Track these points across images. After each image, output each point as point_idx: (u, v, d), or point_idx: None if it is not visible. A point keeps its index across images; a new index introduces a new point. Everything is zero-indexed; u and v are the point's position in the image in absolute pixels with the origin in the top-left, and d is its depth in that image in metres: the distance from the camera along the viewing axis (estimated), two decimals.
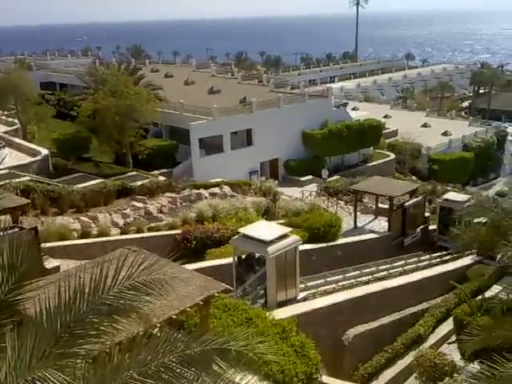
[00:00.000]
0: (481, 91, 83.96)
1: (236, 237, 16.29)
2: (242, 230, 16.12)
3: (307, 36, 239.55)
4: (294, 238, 16.01)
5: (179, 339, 5.09)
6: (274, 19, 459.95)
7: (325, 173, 36.96)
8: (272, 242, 15.17)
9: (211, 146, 36.06)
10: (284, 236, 15.69)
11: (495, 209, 17.12)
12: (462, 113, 72.79)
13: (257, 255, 15.60)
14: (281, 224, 22.42)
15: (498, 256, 17.18)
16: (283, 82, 51.55)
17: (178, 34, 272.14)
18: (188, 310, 9.05)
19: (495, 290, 16.49)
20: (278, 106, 38.64)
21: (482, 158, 47.96)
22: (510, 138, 57.05)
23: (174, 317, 8.59)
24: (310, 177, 36.62)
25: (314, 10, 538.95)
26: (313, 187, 33.12)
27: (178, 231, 19.85)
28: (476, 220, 20.93)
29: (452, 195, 27.57)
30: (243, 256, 16.17)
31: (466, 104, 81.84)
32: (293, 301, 15.66)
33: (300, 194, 30.85)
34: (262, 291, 15.48)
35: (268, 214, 23.30)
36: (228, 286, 10.96)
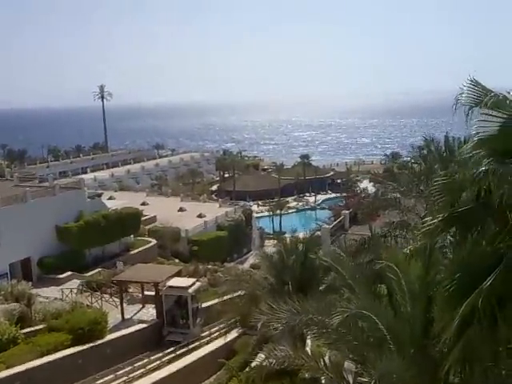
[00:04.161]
0: (226, 175, 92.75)
1: None
2: None
3: (54, 128, 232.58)
4: None
5: None
6: (19, 111, 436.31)
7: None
8: None
9: None
10: None
11: (249, 281, 18.67)
12: (213, 195, 78.80)
13: None
14: (39, 330, 20.34)
15: (258, 325, 18.43)
16: (30, 175, 48.43)
17: None
18: None
19: (260, 358, 17.55)
20: (25, 200, 35.89)
21: (234, 234, 52.11)
22: (255, 215, 63.57)
23: None
24: (70, 273, 34.30)
25: (61, 103, 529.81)
26: (73, 284, 31.08)
27: None
28: (235, 293, 22.33)
29: (176, 281, 25.54)
30: None
31: (214, 187, 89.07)
32: None
33: (59, 293, 28.56)
34: None
35: (23, 321, 20.80)
36: None
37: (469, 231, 8.55)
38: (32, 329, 20.38)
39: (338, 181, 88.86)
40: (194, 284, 25.23)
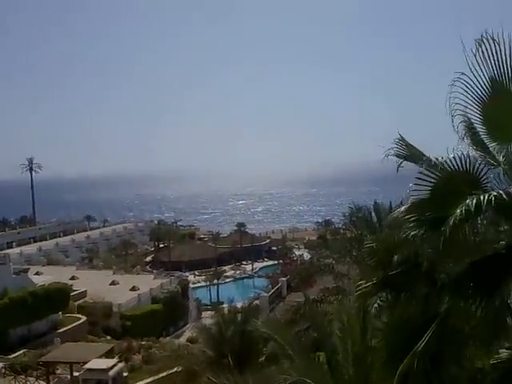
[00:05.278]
0: (161, 245, 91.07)
1: None
2: None
3: None
4: None
5: None
6: None
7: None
8: None
9: None
10: None
11: (186, 355, 18.09)
12: (147, 267, 76.72)
13: None
14: None
15: None
16: None
17: None
18: None
19: None
20: None
21: (170, 307, 50.50)
22: (191, 285, 62.30)
23: None
24: None
25: None
26: None
27: None
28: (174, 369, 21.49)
29: (95, 363, 23.70)
30: None
31: (149, 258, 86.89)
32: None
33: None
34: None
35: None
36: None
37: (400, 293, 8.87)
38: None
39: (274, 248, 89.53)
40: (115, 365, 23.42)
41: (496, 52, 7.47)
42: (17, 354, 31.93)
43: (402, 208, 8.16)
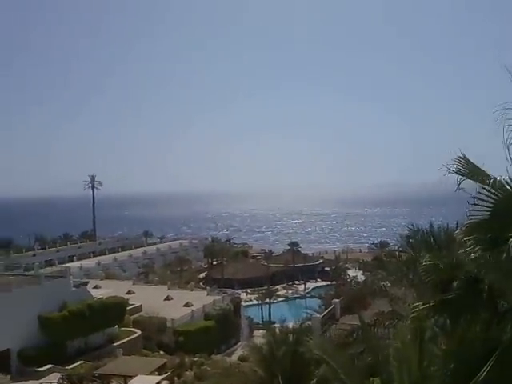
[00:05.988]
0: (214, 262, 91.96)
1: None
2: None
3: (42, 217, 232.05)
4: None
5: None
6: (6, 200, 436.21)
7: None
8: None
9: None
10: None
11: (238, 374, 18.02)
12: (200, 283, 77.55)
13: None
14: None
15: None
16: (14, 264, 47.78)
17: None
18: None
19: None
20: (10, 290, 35.10)
21: (222, 324, 50.62)
22: (243, 303, 62.26)
23: None
24: (50, 366, 32.71)
25: (48, 192, 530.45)
26: (54, 377, 29.67)
27: None
28: None
29: (141, 379, 24.59)
30: None
31: (202, 275, 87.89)
32: None
33: None
34: None
35: None
36: None
37: (459, 318, 8.50)
38: None
39: (327, 268, 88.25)
40: (160, 382, 24.05)
41: None
42: (74, 365, 32.89)
43: (461, 228, 7.88)
